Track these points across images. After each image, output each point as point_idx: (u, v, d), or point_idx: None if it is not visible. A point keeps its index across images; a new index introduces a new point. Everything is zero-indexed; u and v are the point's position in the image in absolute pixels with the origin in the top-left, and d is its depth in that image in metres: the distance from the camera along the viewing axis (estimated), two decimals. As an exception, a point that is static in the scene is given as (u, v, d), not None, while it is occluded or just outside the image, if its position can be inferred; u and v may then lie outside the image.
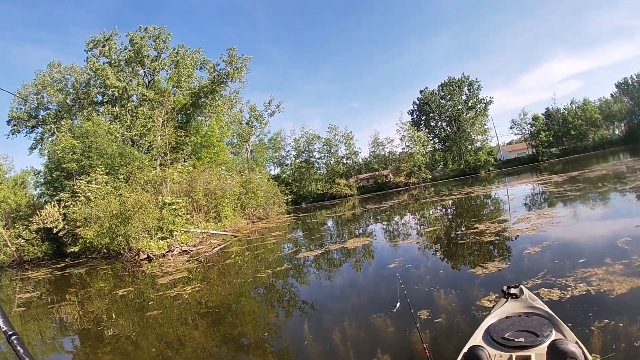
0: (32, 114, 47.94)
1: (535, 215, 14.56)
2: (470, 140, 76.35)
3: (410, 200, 38.80)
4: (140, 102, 46.67)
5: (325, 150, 78.54)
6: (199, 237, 26.73)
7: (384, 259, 11.94)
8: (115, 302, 13.05)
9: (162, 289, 13.33)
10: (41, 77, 46.07)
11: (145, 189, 29.75)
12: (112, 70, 44.63)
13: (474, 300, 6.90)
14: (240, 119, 66.25)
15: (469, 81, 77.63)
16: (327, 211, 44.34)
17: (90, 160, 31.60)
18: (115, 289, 15.30)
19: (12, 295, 18.99)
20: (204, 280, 14.01)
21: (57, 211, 29.93)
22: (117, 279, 18.39)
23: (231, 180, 39.11)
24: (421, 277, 9.10)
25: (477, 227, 14.10)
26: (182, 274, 16.01)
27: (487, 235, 12.22)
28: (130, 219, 23.28)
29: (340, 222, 29.37)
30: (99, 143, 32.85)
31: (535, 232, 11.55)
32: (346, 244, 16.15)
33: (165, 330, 8.97)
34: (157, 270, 18.17)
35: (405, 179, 69.49)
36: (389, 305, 7.07)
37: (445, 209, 24.83)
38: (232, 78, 49.47)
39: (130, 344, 8.33)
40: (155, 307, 10.99)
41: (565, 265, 7.92)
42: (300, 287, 10.98)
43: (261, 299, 10.42)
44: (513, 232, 12.20)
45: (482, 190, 33.73)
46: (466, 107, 77.08)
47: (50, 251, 32.20)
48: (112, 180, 30.53)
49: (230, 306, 10.21)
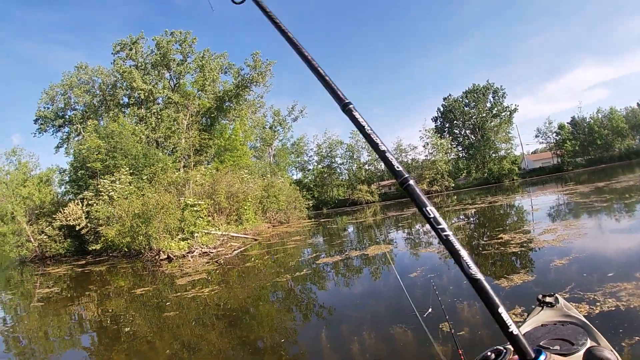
0: (59, 114, 48.68)
1: (561, 226, 14.10)
2: (494, 148, 75.09)
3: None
4: (165, 104, 47.27)
5: (347, 156, 78.03)
6: (220, 240, 26.82)
7: (405, 268, 11.66)
8: (133, 300, 13.10)
9: (180, 290, 13.32)
10: (68, 78, 46.76)
11: (169, 190, 29.98)
12: (138, 73, 45.32)
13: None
14: (263, 123, 66.50)
15: (493, 88, 76.58)
16: (348, 217, 44.11)
17: (114, 161, 32.00)
18: (133, 288, 15.39)
19: (32, 290, 19.35)
20: (222, 283, 13.95)
21: (80, 209, 30.30)
22: (137, 278, 18.49)
23: (253, 183, 39.23)
24: (444, 287, 8.81)
25: (502, 237, 13.71)
26: (201, 275, 15.97)
27: (511, 246, 11.85)
28: (151, 219, 23.41)
29: (360, 229, 29.11)
30: (124, 144, 33.27)
31: (561, 243, 11.15)
32: (367, 250, 15.93)
33: (181, 331, 8.90)
34: (177, 271, 18.20)
35: (427, 187, 68.66)
36: (411, 313, 6.76)
37: (468, 218, 24.37)
38: (256, 82, 49.78)
39: (146, 344, 8.29)
40: (173, 308, 10.94)
41: (593, 279, 7.59)
42: (318, 293, 10.80)
43: (279, 304, 10.30)
44: (538, 243, 11.80)
45: (506, 199, 33.10)
46: (490, 114, 75.93)
47: (72, 248, 32.64)
48: (135, 180, 30.83)
49: (248, 309, 10.07)
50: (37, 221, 34.59)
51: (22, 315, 13.65)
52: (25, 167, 44.16)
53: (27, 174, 43.60)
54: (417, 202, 1.43)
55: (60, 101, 48.41)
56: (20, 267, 32.26)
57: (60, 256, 32.98)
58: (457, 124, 79.37)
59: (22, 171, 43.83)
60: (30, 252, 34.22)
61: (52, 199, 37.11)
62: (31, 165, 44.87)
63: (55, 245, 32.51)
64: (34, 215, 35.84)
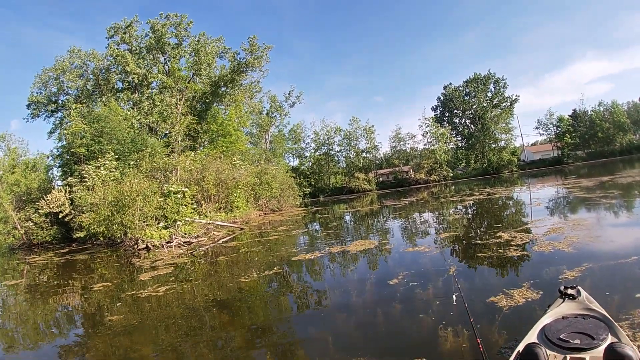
0: (52, 99, 46.98)
1: (567, 225, 12.14)
2: (494, 138, 73.57)
3: (429, 198, 36.70)
4: (160, 89, 45.50)
5: (345, 144, 76.35)
6: (204, 228, 25.17)
7: (386, 272, 9.73)
8: (83, 298, 11.74)
9: (138, 287, 11.74)
10: (61, 62, 44.90)
11: (155, 176, 28.33)
12: (132, 57, 43.62)
13: (493, 347, 4.82)
14: (260, 109, 63.90)
15: (494, 78, 74.43)
16: (343, 205, 42.62)
17: (100, 145, 30.25)
18: (94, 283, 13.74)
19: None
20: (183, 281, 12.22)
21: (63, 196, 28.83)
22: (105, 270, 16.94)
23: (245, 170, 37.50)
24: (428, 303, 6.97)
25: (501, 235, 11.80)
26: (168, 270, 14.27)
27: (511, 249, 9.93)
28: (126, 207, 21.67)
29: (351, 219, 27.42)
30: (110, 128, 31.44)
31: (570, 248, 9.25)
32: (350, 246, 13.99)
33: (112, 340, 7.31)
34: (148, 263, 16.54)
35: (425, 176, 67.19)
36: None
37: (465, 210, 22.51)
38: (252, 67, 48.04)
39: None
40: (119, 310, 9.38)
41: (616, 301, 5.69)
42: (278, 298, 8.90)
43: (232, 312, 8.32)
44: (543, 245, 9.83)
45: (505, 191, 31.20)
46: (491, 104, 74.10)
47: (59, 235, 31.39)
48: (121, 166, 29.06)
49: (200, 316, 8.21)
50: (24, 208, 33.36)
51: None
52: (14, 153, 42.52)
53: (16, 159, 41.90)
54: None
55: (53, 86, 46.50)
56: (8, 255, 30.76)
57: (47, 244, 31.74)
58: (457, 113, 77.60)
59: (11, 157, 42.20)
60: (18, 240, 33.07)
61: (39, 185, 35.52)
62: (20, 151, 43.26)
63: (42, 232, 31.36)
64: (21, 202, 34.55)
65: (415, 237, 15.00)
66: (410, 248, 12.33)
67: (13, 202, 34.50)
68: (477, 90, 74.61)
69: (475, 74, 75.51)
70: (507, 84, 74.74)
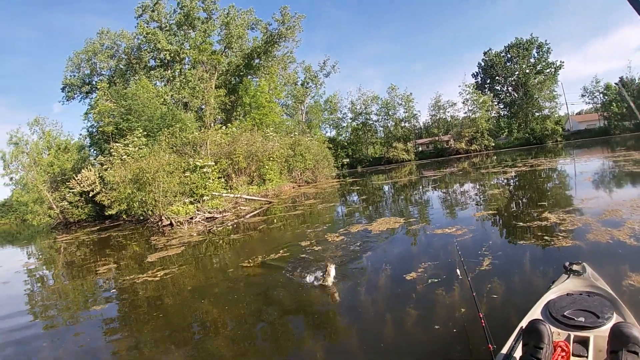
0: (86, 80, 47.47)
1: (625, 207, 9.78)
2: (537, 106, 69.50)
3: (469, 169, 34.43)
4: (193, 64, 44.78)
5: (383, 113, 73.38)
6: (232, 203, 24.15)
7: (405, 261, 7.99)
8: (79, 283, 11.19)
9: (141, 270, 10.79)
10: (91, 44, 45.27)
11: (185, 150, 27.48)
12: (162, 34, 43.37)
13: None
14: (294, 80, 62.29)
15: (537, 43, 69.61)
16: (380, 176, 40.85)
17: (128, 123, 29.62)
18: (102, 265, 12.88)
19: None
20: (187, 264, 11.06)
21: (93, 174, 28.77)
22: (119, 250, 16.22)
23: (279, 141, 36.23)
24: (449, 310, 5.26)
25: (547, 217, 9.75)
26: (179, 250, 13.21)
27: (560, 237, 7.86)
28: (146, 184, 20.80)
29: (384, 192, 25.73)
30: (139, 105, 30.79)
31: (633, 239, 7.08)
32: (372, 225, 12.33)
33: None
34: (164, 242, 15.57)
35: (466, 146, 64.32)
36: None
37: (506, 183, 20.27)
38: (285, 37, 46.74)
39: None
40: (111, 298, 8.72)
41: None
42: (267, 293, 7.14)
43: (213, 310, 6.65)
44: (599, 234, 7.65)
45: (550, 163, 28.33)
46: (534, 71, 69.56)
47: (94, 213, 31.59)
48: (151, 142, 28.28)
49: (175, 310, 6.89)
50: (59, 189, 33.75)
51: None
52: (49, 135, 42.98)
53: (51, 142, 42.45)
54: None
55: (86, 67, 47.24)
56: (43, 234, 31.15)
57: (83, 222, 32.25)
58: (499, 80, 73.34)
59: (46, 140, 42.73)
60: (54, 219, 33.54)
61: (73, 165, 35.65)
62: (55, 133, 43.79)
63: (77, 211, 31.75)
64: (56, 183, 34.98)
65: (448, 215, 13.13)
66: (440, 230, 10.41)
67: (48, 182, 34.99)
68: (519, 56, 69.91)
69: (517, 38, 70.74)
70: (550, 48, 69.90)
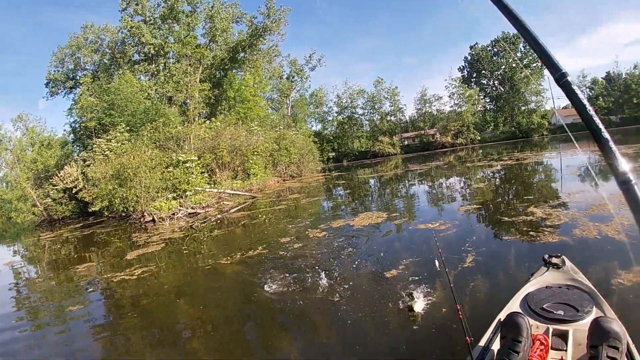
0: (70, 75, 46.22)
1: (613, 201, 9.51)
2: (523, 100, 69.42)
3: (455, 162, 34.30)
4: (177, 58, 43.98)
5: (369, 106, 72.81)
6: (215, 198, 23.72)
7: (385, 258, 7.70)
8: (57, 282, 10.80)
9: (118, 268, 10.39)
10: (75, 39, 43.98)
11: (168, 145, 26.87)
12: (147, 28, 42.41)
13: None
14: (280, 74, 61.66)
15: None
16: (365, 170, 40.60)
17: (111, 118, 28.94)
18: (81, 263, 12.42)
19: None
20: (165, 262, 10.79)
21: (76, 171, 28.02)
22: (100, 247, 15.59)
23: (263, 135, 35.79)
24: (430, 312, 5.00)
25: (533, 212, 9.49)
26: (159, 247, 12.82)
27: (546, 232, 7.60)
28: (128, 179, 20.27)
29: (369, 186, 25.54)
30: (121, 100, 30.06)
31: (622, 235, 6.80)
32: (355, 220, 12.07)
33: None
34: (145, 238, 15.13)
35: (452, 139, 64.15)
36: None
37: (492, 177, 20.07)
38: (271, 31, 46.15)
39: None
40: (83, 300, 8.41)
41: None
42: (245, 291, 6.82)
43: (197, 301, 6.40)
44: (588, 230, 7.37)
45: (536, 156, 28.25)
46: (521, 65, 69.67)
47: (77, 210, 30.50)
48: (134, 137, 27.63)
49: (162, 307, 6.68)
50: (41, 186, 32.76)
51: None
52: (32, 132, 42.31)
53: (34, 138, 41.67)
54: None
55: (70, 62, 45.91)
56: (28, 232, 30.25)
57: (67, 219, 31.11)
58: (485, 74, 73.12)
59: (29, 136, 41.98)
60: (38, 217, 32.55)
61: (57, 162, 34.90)
62: (39, 129, 43.17)
63: (61, 208, 30.63)
64: (40, 180, 33.95)
65: (432, 210, 12.89)
66: (423, 225, 10.16)
67: (31, 179, 34.03)
68: (505, 50, 69.80)
69: (504, 32, 70.04)
70: (538, 43, 69.65)
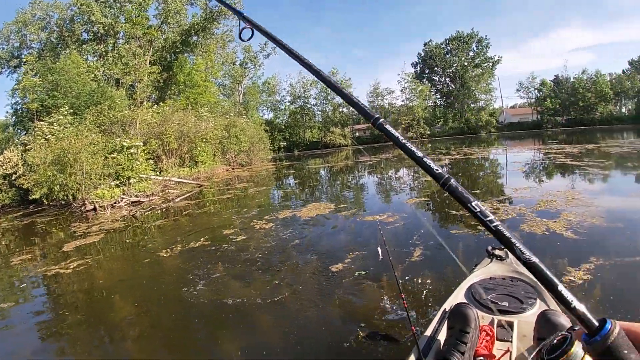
0: (14, 54, 43.05)
1: (560, 197, 9.75)
2: (473, 98, 71.43)
3: (405, 155, 34.68)
4: (127, 39, 41.91)
5: (322, 97, 72.23)
6: (160, 186, 22.84)
7: (332, 251, 7.45)
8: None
9: (55, 261, 9.54)
10: (22, 14, 41.16)
11: (112, 130, 25.69)
12: (97, 6, 40.15)
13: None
14: (233, 60, 60.34)
15: (477, 37, 71.00)
16: (316, 160, 40.42)
17: (54, 100, 27.16)
18: (16, 255, 11.28)
19: None
20: (103, 253, 10.03)
21: (16, 155, 25.82)
22: (40, 237, 14.40)
23: (213, 122, 34.90)
24: (375, 308, 4.70)
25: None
26: (98, 237, 11.97)
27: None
28: (68, 165, 19.17)
29: (319, 176, 25.33)
30: (66, 81, 28.33)
31: (570, 231, 6.88)
32: (302, 210, 11.82)
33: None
34: (84, 228, 14.06)
35: (402, 133, 65.02)
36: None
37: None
38: (225, 15, 44.97)
39: None
40: (13, 296, 7.52)
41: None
42: (180, 288, 6.29)
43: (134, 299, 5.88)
44: (535, 225, 7.42)
45: (483, 152, 28.96)
46: (472, 64, 71.25)
47: (18, 197, 27.87)
48: (78, 121, 26.10)
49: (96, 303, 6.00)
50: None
51: None
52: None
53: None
54: (462, 200, 1.25)
55: (16, 40, 42.78)
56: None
57: (7, 207, 28.44)
58: (437, 71, 74.53)
59: None
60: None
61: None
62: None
63: (1, 195, 28.08)
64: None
65: (381, 201, 12.88)
66: (371, 216, 10.01)
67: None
68: (458, 49, 71.54)
69: (458, 31, 72.07)
70: (490, 44, 71.59)
